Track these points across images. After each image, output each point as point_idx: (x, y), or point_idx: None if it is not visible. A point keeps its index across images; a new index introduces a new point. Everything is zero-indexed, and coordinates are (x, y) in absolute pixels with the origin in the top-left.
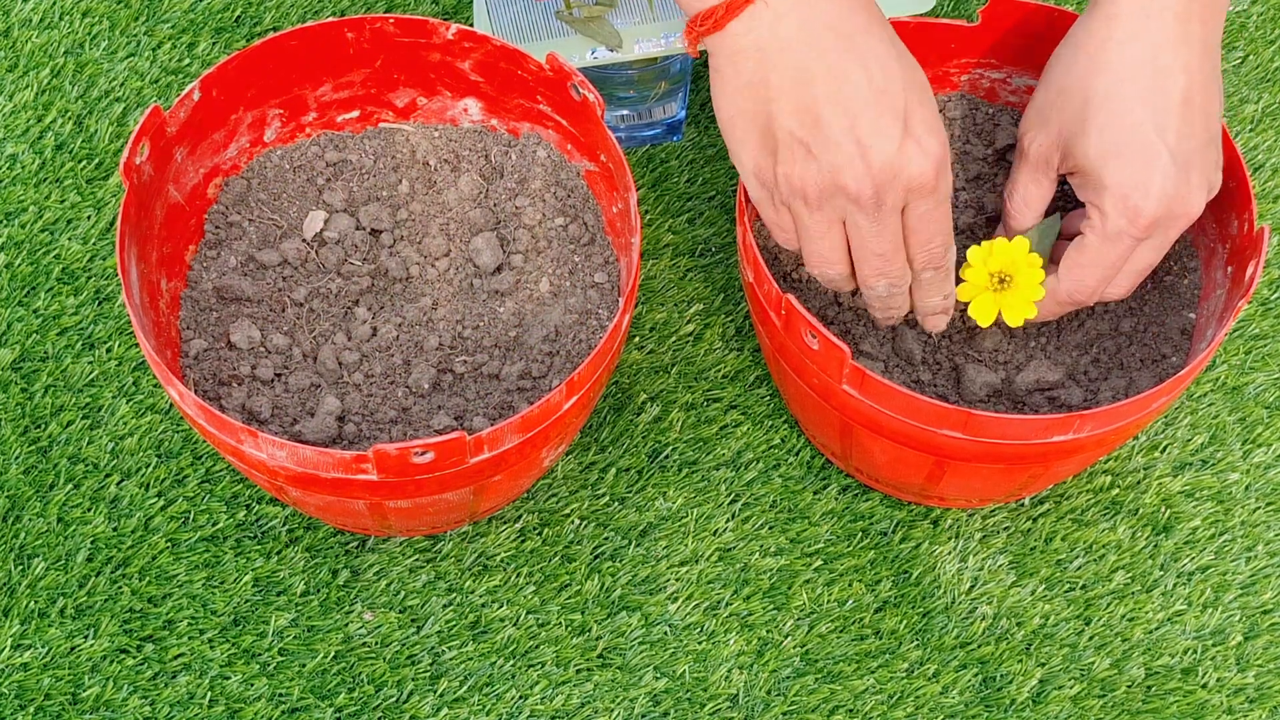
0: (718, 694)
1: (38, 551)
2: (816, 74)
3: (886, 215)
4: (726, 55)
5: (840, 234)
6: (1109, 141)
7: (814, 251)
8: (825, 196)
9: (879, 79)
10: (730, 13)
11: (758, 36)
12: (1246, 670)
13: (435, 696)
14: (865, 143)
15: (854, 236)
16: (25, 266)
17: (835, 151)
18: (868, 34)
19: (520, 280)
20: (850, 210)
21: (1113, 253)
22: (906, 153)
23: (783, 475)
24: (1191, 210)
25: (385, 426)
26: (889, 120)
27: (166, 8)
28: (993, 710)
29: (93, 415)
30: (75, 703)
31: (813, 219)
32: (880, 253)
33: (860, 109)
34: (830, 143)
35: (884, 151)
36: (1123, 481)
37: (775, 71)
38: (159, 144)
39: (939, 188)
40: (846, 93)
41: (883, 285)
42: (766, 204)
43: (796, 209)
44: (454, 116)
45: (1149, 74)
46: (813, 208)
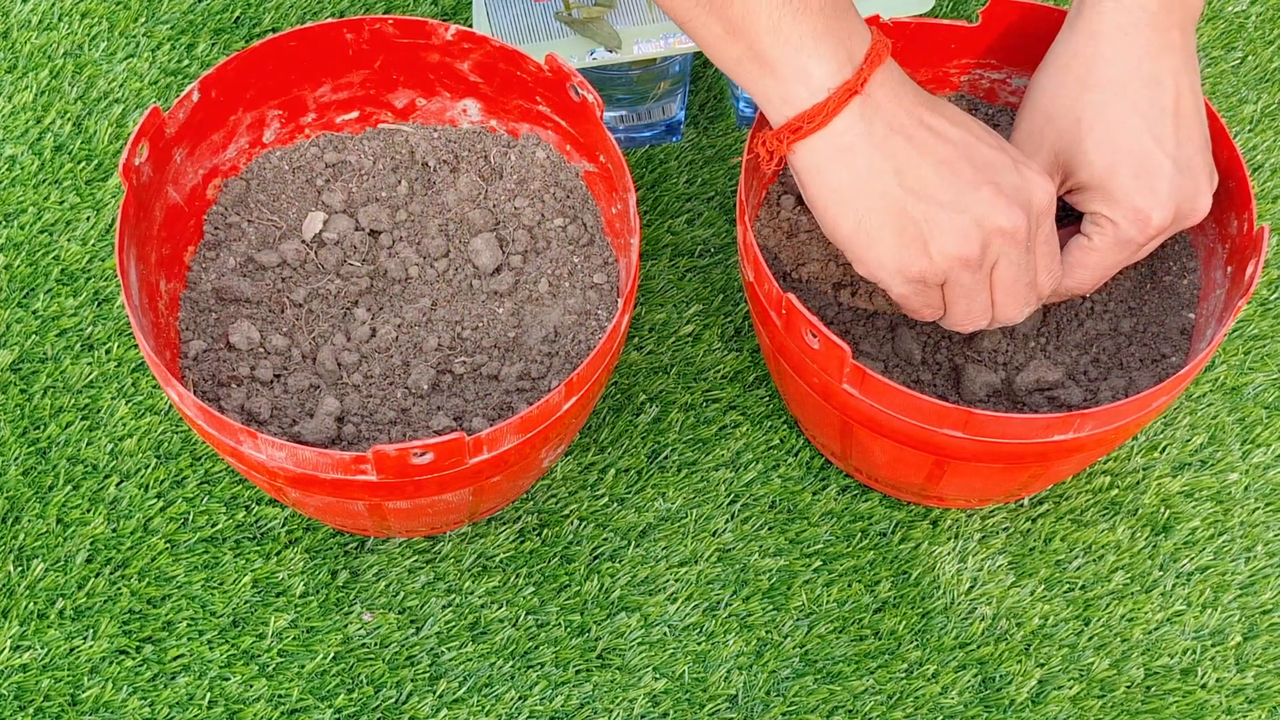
0: (717, 694)
1: (37, 553)
2: (927, 141)
3: (1035, 239)
4: (829, 156)
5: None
6: (1110, 156)
7: (965, 311)
8: (987, 245)
9: (966, 132)
10: (840, 107)
11: (862, 129)
12: (1246, 670)
13: (434, 697)
14: (993, 180)
15: (1007, 275)
16: (24, 268)
17: (979, 200)
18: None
19: (519, 281)
20: (1006, 251)
21: (1119, 256)
22: (1025, 177)
23: (782, 475)
24: (1199, 212)
25: (384, 427)
26: (997, 155)
27: (165, 9)
28: (992, 711)
29: (92, 416)
30: (74, 704)
31: (976, 279)
32: (1028, 282)
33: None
34: (970, 193)
35: (1011, 183)
36: (1122, 482)
37: (891, 155)
38: (158, 145)
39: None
40: (955, 151)
41: (1026, 313)
42: (917, 296)
43: (958, 278)
44: (453, 117)
45: (1138, 86)
46: (973, 267)
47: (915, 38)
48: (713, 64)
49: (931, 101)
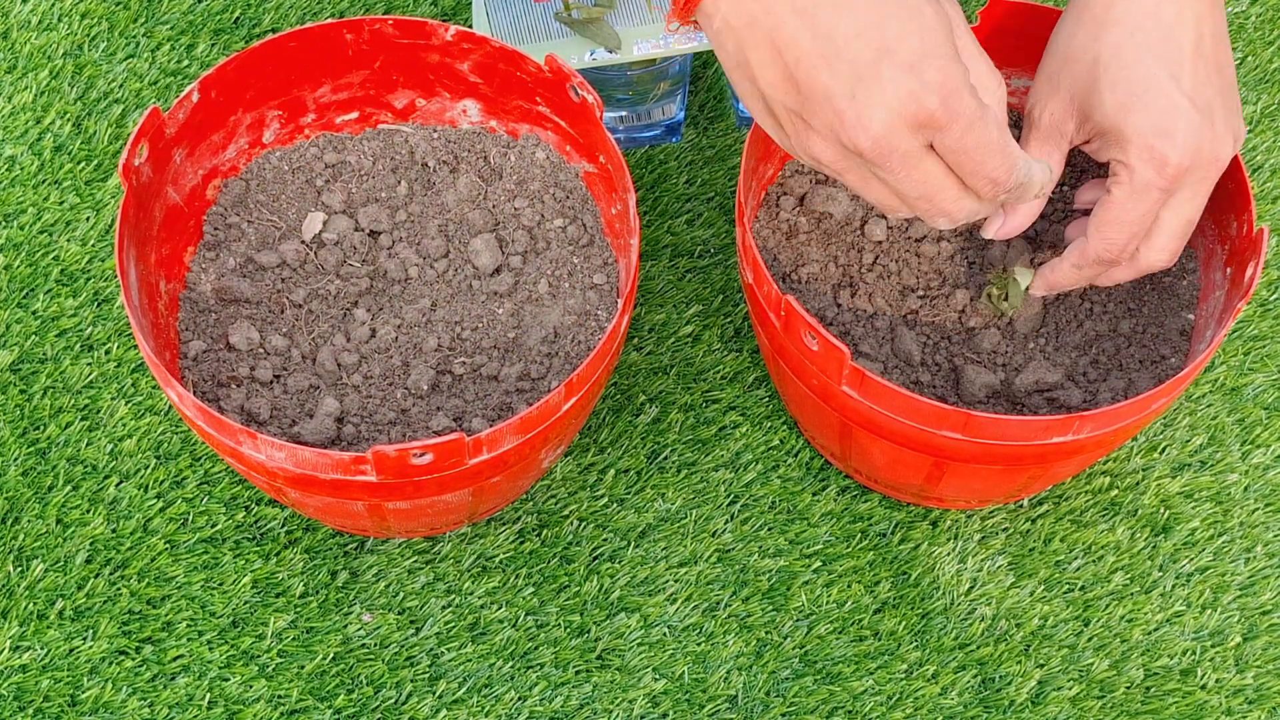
0: (717, 695)
1: (36, 553)
2: (786, 38)
3: (907, 160)
4: (712, 36)
5: (883, 186)
6: (1124, 95)
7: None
8: (840, 159)
9: (850, 22)
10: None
11: (725, 14)
12: (1245, 671)
13: (434, 698)
14: (852, 94)
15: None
16: (24, 268)
17: (827, 115)
18: None
19: (519, 281)
20: (869, 166)
21: (1141, 206)
22: (899, 91)
23: (781, 476)
24: (1220, 156)
25: (384, 428)
26: (868, 62)
27: (165, 9)
28: (992, 711)
29: (91, 417)
30: (74, 704)
31: (848, 181)
32: (919, 195)
33: (835, 64)
34: (819, 107)
35: (873, 97)
36: (1122, 482)
37: (752, 49)
38: (158, 145)
39: (956, 114)
40: (819, 48)
41: (943, 222)
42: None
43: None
44: (453, 118)
45: (1156, 26)
46: (841, 172)
47: None
48: (713, 64)
49: None
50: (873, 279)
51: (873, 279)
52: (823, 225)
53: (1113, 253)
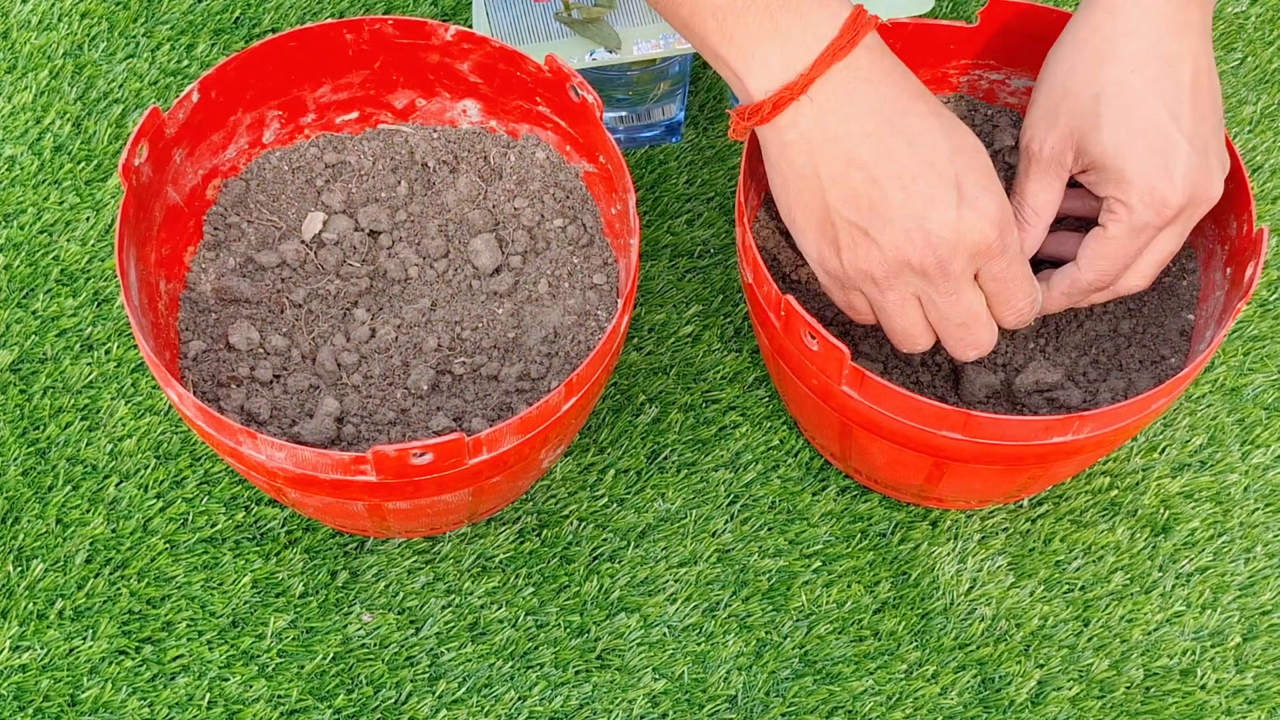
0: (716, 695)
1: (36, 553)
2: (864, 160)
3: (958, 284)
4: (777, 148)
5: (917, 309)
6: (1124, 133)
7: (895, 330)
8: (893, 275)
9: (926, 153)
10: (776, 109)
11: (803, 130)
12: (1245, 671)
13: (434, 698)
14: (921, 216)
15: (931, 311)
16: (24, 268)
17: (893, 231)
18: (910, 114)
19: (519, 281)
20: (921, 285)
21: (1137, 242)
22: (965, 219)
23: (781, 476)
24: (1213, 194)
25: (384, 428)
26: (941, 190)
27: (165, 9)
28: (991, 711)
29: (91, 417)
30: (74, 704)
31: (887, 299)
32: (961, 322)
33: (910, 186)
34: (887, 224)
35: (941, 221)
36: (1121, 483)
37: (825, 163)
38: (158, 145)
39: (1006, 246)
40: (894, 171)
41: (973, 354)
42: (835, 290)
43: (869, 292)
44: (453, 118)
45: (1156, 63)
46: (884, 288)
47: (914, 38)
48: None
49: (896, 111)
50: None
51: None
52: None
53: (1104, 283)
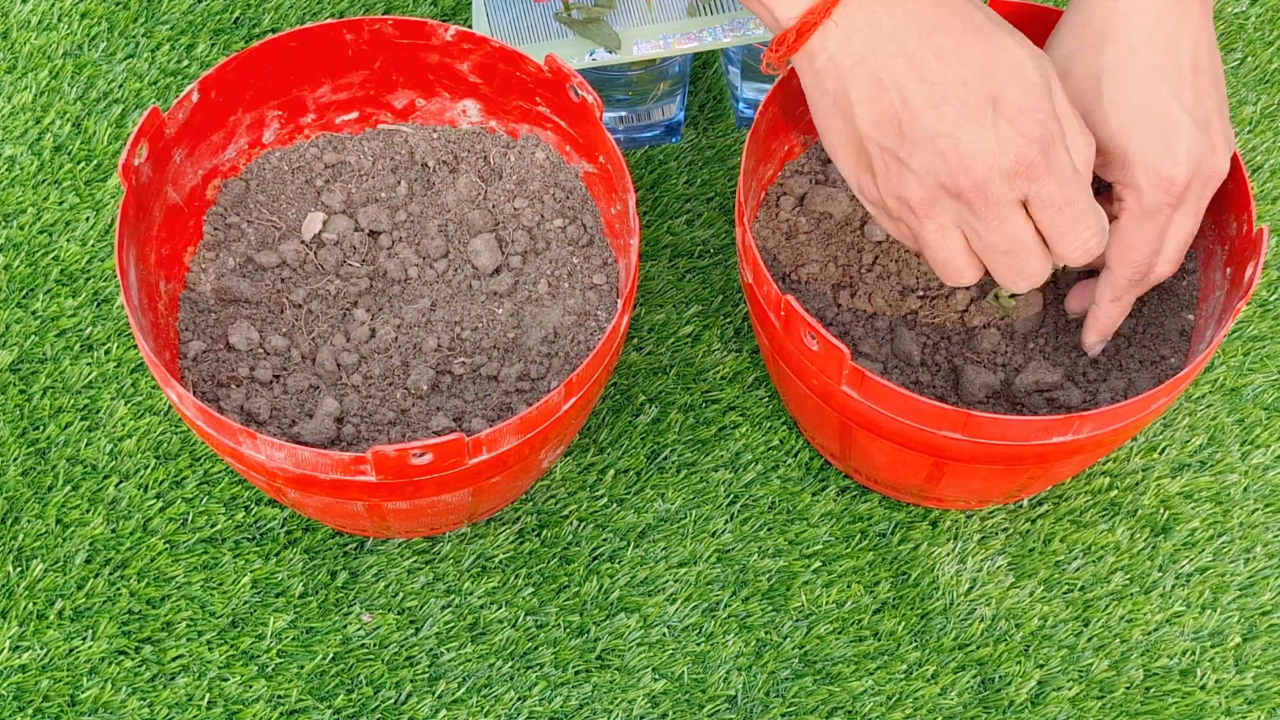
0: (716, 695)
1: (36, 553)
2: (892, 80)
3: (1000, 209)
4: (811, 77)
5: (959, 239)
6: (1127, 116)
7: (939, 261)
8: (930, 202)
9: (957, 71)
10: (801, 36)
11: (831, 54)
12: (1245, 671)
13: (434, 698)
14: (954, 136)
15: (974, 241)
16: (24, 268)
17: (926, 155)
18: (940, 31)
19: (519, 282)
20: (960, 212)
21: (1155, 225)
22: (1002, 136)
23: (781, 476)
24: (1219, 169)
25: (384, 428)
26: (974, 109)
27: (165, 9)
28: (991, 712)
29: (91, 417)
30: (74, 704)
31: (928, 228)
32: (1007, 250)
33: (941, 107)
34: (919, 147)
35: (976, 140)
36: (1121, 483)
37: (854, 86)
38: (158, 145)
39: (1053, 166)
40: (925, 91)
41: (1024, 285)
42: (885, 220)
43: (908, 220)
44: (453, 118)
45: (1157, 42)
46: (922, 217)
47: None
48: (713, 64)
49: (925, 27)
50: (872, 279)
51: (872, 279)
52: (822, 225)
53: (1140, 272)
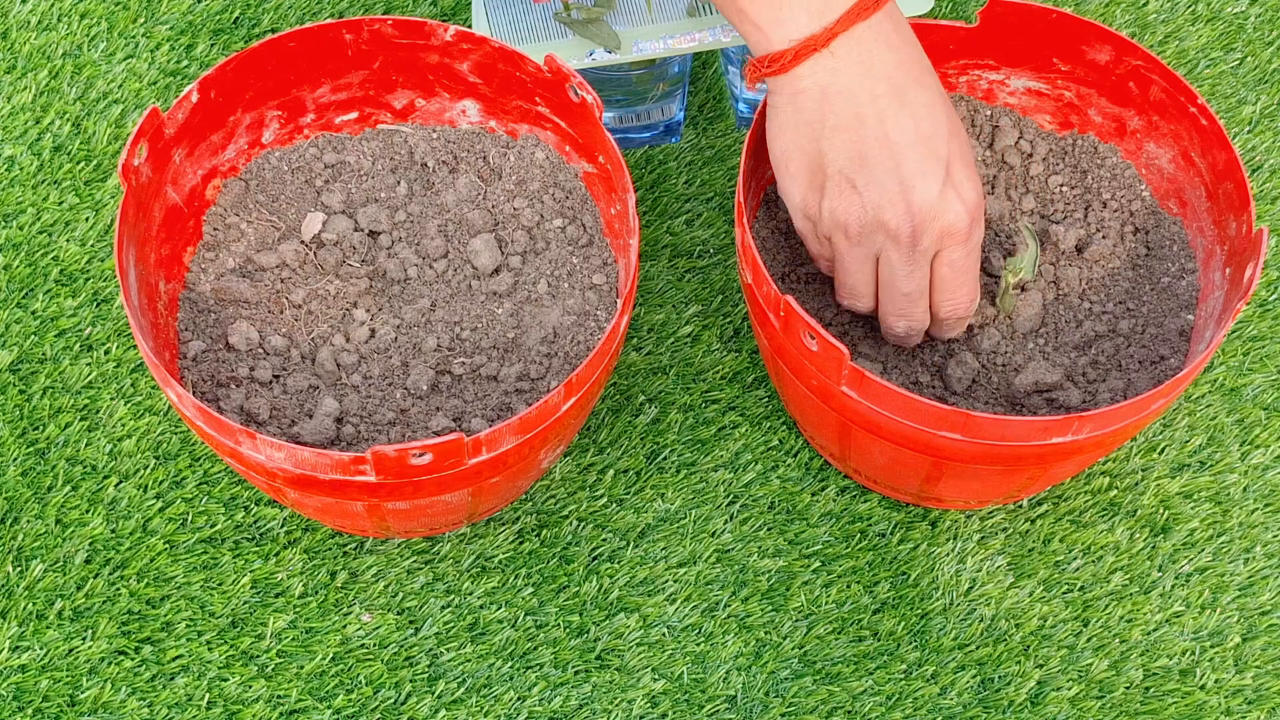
0: (716, 695)
1: (36, 553)
2: (868, 118)
3: (920, 257)
4: (788, 95)
5: (873, 272)
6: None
7: (845, 284)
8: (866, 232)
9: (926, 128)
10: (797, 60)
11: (819, 80)
12: (1245, 671)
13: (433, 698)
14: (908, 184)
15: (885, 274)
16: (23, 268)
17: (879, 190)
18: (919, 85)
19: (518, 282)
20: (887, 247)
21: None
22: (946, 198)
23: (781, 477)
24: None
25: (383, 428)
26: (932, 166)
27: (165, 9)
28: (991, 712)
29: (91, 417)
30: (73, 704)
31: (851, 253)
32: (907, 293)
33: (905, 153)
34: (875, 181)
35: (925, 194)
36: (1121, 483)
37: (832, 113)
38: (157, 145)
39: (972, 236)
40: (894, 137)
41: (902, 326)
42: (810, 236)
43: (837, 241)
44: (452, 118)
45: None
46: (853, 242)
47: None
48: (712, 64)
49: (908, 79)
50: None
51: None
52: None
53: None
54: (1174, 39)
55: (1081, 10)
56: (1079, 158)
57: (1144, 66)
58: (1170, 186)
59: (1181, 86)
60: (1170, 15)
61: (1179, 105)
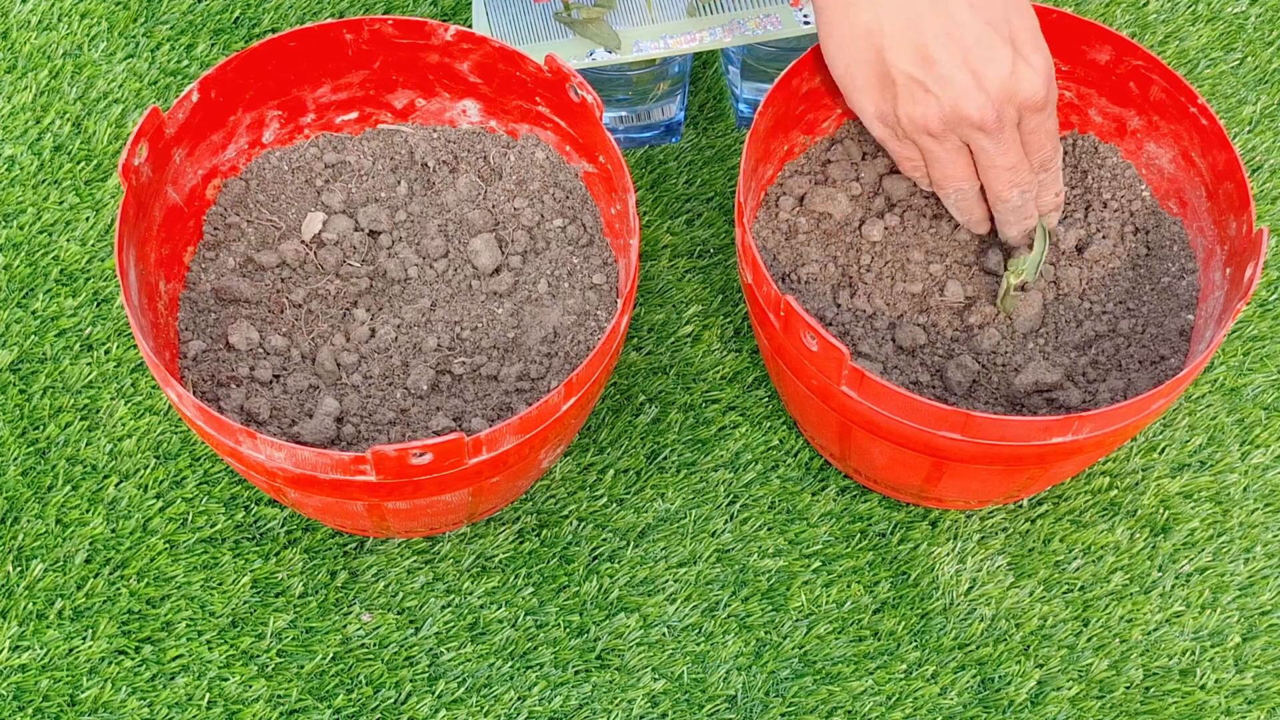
0: (716, 695)
1: (36, 553)
2: (926, 17)
3: (1008, 133)
4: (840, 7)
5: (967, 157)
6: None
7: (945, 175)
8: (949, 127)
9: (983, 12)
10: None
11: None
12: (1245, 671)
13: (433, 698)
14: (980, 72)
15: (981, 158)
16: (23, 268)
17: (953, 86)
18: None
19: (519, 281)
20: (974, 135)
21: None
22: (1019, 74)
23: (781, 476)
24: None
25: (384, 428)
26: (998, 48)
27: (165, 9)
28: (991, 711)
29: (91, 417)
30: (73, 704)
31: (941, 149)
32: (1010, 166)
33: (970, 42)
34: (946, 78)
35: (998, 77)
36: (1121, 483)
37: (888, 19)
38: (157, 145)
39: (1049, 100)
40: (955, 30)
41: (1016, 194)
42: (891, 140)
43: (923, 142)
44: (452, 118)
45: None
46: (939, 139)
47: None
48: (712, 64)
49: None
50: (872, 279)
51: (872, 279)
52: (822, 225)
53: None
54: (1174, 39)
55: (1081, 10)
56: (1079, 158)
57: (1144, 66)
58: (1170, 186)
59: (1182, 86)
60: (1170, 15)
61: (1179, 105)
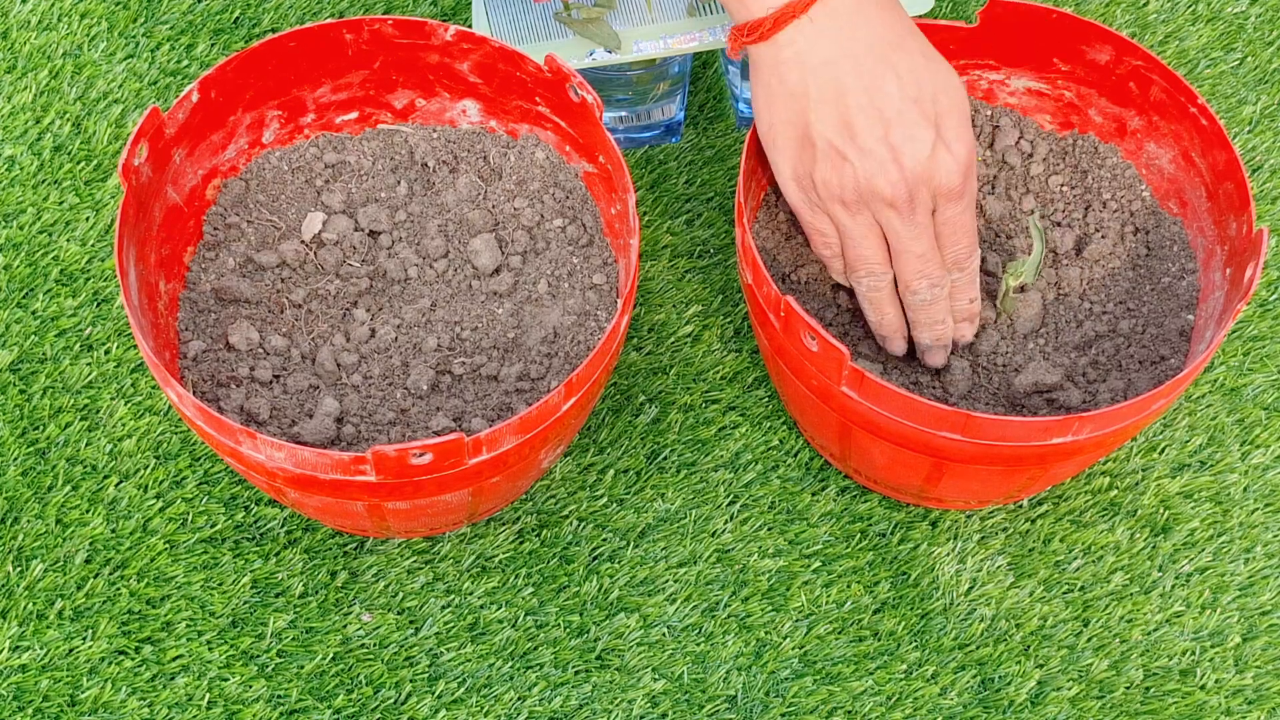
0: (716, 695)
1: (36, 553)
2: (852, 86)
3: (920, 217)
4: (770, 65)
5: (879, 237)
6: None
7: (858, 255)
8: (862, 201)
9: (911, 89)
10: (776, 26)
11: (799, 49)
12: (1245, 671)
13: (433, 698)
14: (898, 148)
15: (893, 240)
16: (23, 268)
17: (869, 158)
18: (901, 48)
19: (519, 281)
20: (886, 214)
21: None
22: (937, 157)
23: (781, 477)
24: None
25: (384, 428)
26: (920, 127)
27: (165, 9)
28: (991, 712)
29: (91, 417)
30: (73, 704)
31: (853, 223)
32: (919, 254)
33: (893, 118)
34: (865, 150)
35: (915, 156)
36: (1121, 483)
37: (815, 84)
38: (157, 145)
39: (966, 191)
40: (879, 103)
41: (925, 286)
42: (804, 208)
43: (835, 214)
44: (452, 118)
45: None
46: (851, 211)
47: None
48: (712, 64)
49: (890, 43)
50: None
51: None
52: None
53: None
54: (1174, 39)
55: (1081, 10)
56: (1079, 158)
57: (1144, 66)
58: (1170, 186)
59: (1182, 86)
60: (1170, 15)
61: (1179, 105)
